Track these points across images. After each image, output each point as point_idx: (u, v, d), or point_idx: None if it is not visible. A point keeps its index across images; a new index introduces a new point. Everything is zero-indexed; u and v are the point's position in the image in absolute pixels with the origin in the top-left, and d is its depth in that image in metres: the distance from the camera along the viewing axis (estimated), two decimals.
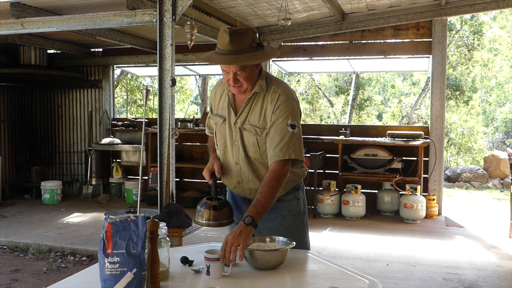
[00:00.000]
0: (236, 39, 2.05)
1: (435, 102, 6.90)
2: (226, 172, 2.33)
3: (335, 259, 4.48)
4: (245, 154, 2.24)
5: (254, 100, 2.20)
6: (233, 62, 2.06)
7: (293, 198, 2.34)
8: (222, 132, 2.30)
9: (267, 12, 6.49)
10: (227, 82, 2.17)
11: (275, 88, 2.19)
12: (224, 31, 2.07)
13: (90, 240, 5.48)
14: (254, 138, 2.20)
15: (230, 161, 2.29)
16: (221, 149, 2.32)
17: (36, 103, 8.96)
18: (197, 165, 7.79)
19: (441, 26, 6.84)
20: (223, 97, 2.31)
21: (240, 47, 2.05)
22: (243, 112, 2.22)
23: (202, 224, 2.17)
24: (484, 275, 4.39)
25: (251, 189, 2.26)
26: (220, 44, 2.09)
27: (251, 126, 2.20)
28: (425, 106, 14.45)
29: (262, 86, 2.19)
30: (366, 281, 1.79)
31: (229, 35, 2.04)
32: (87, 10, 5.48)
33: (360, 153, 6.72)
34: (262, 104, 2.19)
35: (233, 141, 2.26)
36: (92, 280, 1.71)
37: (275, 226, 2.28)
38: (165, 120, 4.77)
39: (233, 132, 2.25)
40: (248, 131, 2.21)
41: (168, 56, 4.70)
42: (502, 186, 10.22)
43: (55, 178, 8.67)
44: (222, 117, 2.29)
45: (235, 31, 2.07)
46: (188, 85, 18.00)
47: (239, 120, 2.23)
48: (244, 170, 2.26)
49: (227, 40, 2.05)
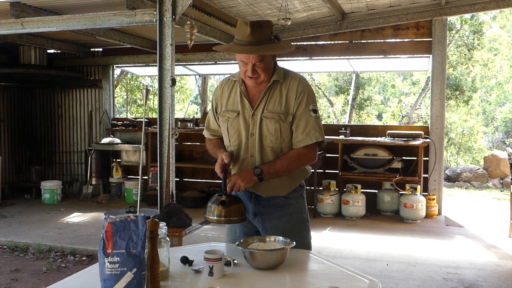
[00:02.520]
0: (257, 31, 2.13)
1: (435, 102, 6.90)
2: (238, 167, 2.33)
3: (335, 259, 4.48)
4: (261, 145, 2.26)
5: (272, 89, 2.26)
6: (255, 52, 2.14)
7: (299, 196, 2.37)
8: (235, 126, 2.30)
9: (267, 12, 6.49)
10: (243, 74, 2.22)
11: (294, 76, 2.29)
12: (245, 23, 2.14)
13: (90, 240, 5.48)
14: (277, 125, 2.23)
15: (245, 155, 2.30)
16: (235, 144, 2.32)
17: (36, 103, 8.96)
18: (197, 165, 7.79)
19: (441, 25, 6.84)
20: (233, 92, 2.33)
21: (260, 38, 2.14)
22: (261, 102, 2.26)
23: (212, 221, 2.18)
24: (484, 275, 4.39)
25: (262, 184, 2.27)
26: (240, 36, 2.16)
27: (272, 113, 2.24)
28: (425, 105, 14.46)
29: (280, 75, 2.27)
30: (366, 281, 1.79)
31: (250, 27, 2.12)
32: (87, 10, 5.47)
33: (360, 153, 6.72)
34: (280, 91, 2.25)
35: (249, 133, 2.27)
36: (92, 280, 1.71)
37: (282, 224, 2.29)
38: (165, 120, 4.77)
39: (249, 124, 2.27)
40: (270, 119, 2.24)
41: (168, 56, 4.70)
42: (502, 186, 10.22)
43: (55, 178, 8.67)
44: (235, 111, 2.30)
45: (255, 23, 2.15)
46: (188, 85, 18.01)
47: (258, 111, 2.26)
48: (258, 161, 2.27)
49: (248, 32, 2.12)
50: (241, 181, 2.13)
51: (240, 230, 2.37)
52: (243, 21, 2.16)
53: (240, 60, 2.20)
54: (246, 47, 2.13)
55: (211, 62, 8.18)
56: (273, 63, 2.27)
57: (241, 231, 2.37)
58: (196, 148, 8.14)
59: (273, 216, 2.19)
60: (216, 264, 1.82)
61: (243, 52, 2.15)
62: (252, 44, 2.13)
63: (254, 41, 2.13)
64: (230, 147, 2.34)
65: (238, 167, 2.32)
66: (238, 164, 2.32)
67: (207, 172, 7.91)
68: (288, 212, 2.31)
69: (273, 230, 2.24)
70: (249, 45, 2.13)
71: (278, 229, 2.24)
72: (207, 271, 1.82)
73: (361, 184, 6.79)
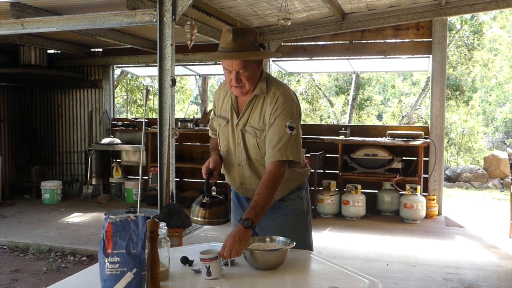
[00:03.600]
0: (239, 38, 2.10)
1: (435, 102, 6.90)
2: (229, 172, 2.35)
3: (335, 259, 4.48)
4: (247, 156, 2.25)
5: (255, 103, 2.22)
6: (236, 57, 2.10)
7: (296, 198, 2.35)
8: (225, 134, 2.32)
9: (267, 12, 6.49)
10: (229, 83, 2.19)
11: (275, 90, 2.20)
12: (227, 31, 2.12)
13: (90, 240, 5.48)
14: (254, 140, 2.22)
15: (233, 162, 2.31)
16: (224, 151, 2.34)
17: (36, 103, 8.96)
18: (197, 165, 7.78)
19: (441, 26, 6.84)
20: (226, 99, 2.33)
21: (244, 45, 2.10)
22: (244, 114, 2.24)
23: (194, 221, 2.19)
24: (484, 275, 4.39)
25: (253, 190, 2.25)
26: (223, 43, 2.13)
27: (251, 128, 2.22)
28: (425, 106, 14.45)
29: (263, 88, 2.20)
30: (366, 281, 1.79)
31: (232, 33, 2.09)
32: (87, 10, 5.48)
33: (360, 153, 6.72)
34: (262, 106, 2.21)
35: (235, 143, 2.28)
36: (92, 280, 1.71)
37: (278, 225, 2.29)
38: (165, 120, 4.77)
39: (235, 134, 2.27)
40: (249, 133, 2.23)
41: (168, 56, 4.70)
42: (502, 186, 10.22)
43: (55, 178, 8.67)
44: (225, 119, 2.31)
45: (238, 29, 2.12)
46: (188, 85, 18.00)
47: (241, 122, 2.25)
48: (246, 171, 2.27)
49: (230, 38, 2.09)
50: (238, 245, 1.90)
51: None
52: (227, 28, 2.14)
53: (224, 69, 2.17)
54: (227, 53, 2.10)
55: (211, 62, 8.19)
56: (259, 73, 2.21)
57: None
58: (196, 148, 8.14)
59: (268, 217, 2.18)
60: (213, 264, 1.80)
61: (224, 58, 2.12)
62: (234, 51, 2.09)
63: (237, 47, 2.09)
64: (222, 152, 2.36)
65: (229, 173, 2.35)
66: (229, 170, 2.35)
67: None
68: (283, 213, 2.30)
69: (270, 230, 2.23)
70: (231, 52, 2.10)
71: (274, 229, 2.25)
72: (205, 271, 1.81)
73: (361, 184, 6.79)
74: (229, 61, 2.12)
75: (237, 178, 2.32)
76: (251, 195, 2.28)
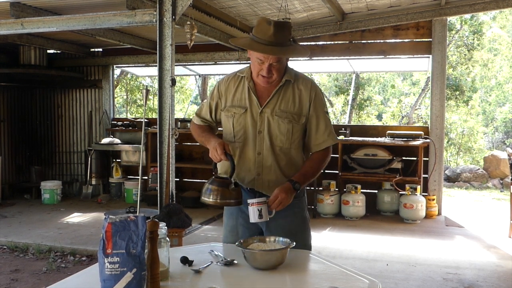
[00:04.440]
0: (280, 32, 2.12)
1: (435, 102, 6.90)
2: (243, 163, 2.29)
3: (335, 259, 4.48)
4: (271, 143, 2.25)
5: (283, 89, 2.26)
6: (278, 53, 2.14)
7: (302, 195, 2.37)
8: (241, 123, 2.28)
9: (267, 12, 6.48)
10: (256, 72, 2.20)
11: (305, 77, 2.33)
12: (267, 22, 2.12)
13: (90, 240, 5.48)
14: (290, 126, 2.24)
15: (250, 152, 2.27)
16: (241, 141, 2.29)
17: (36, 103, 8.96)
18: (197, 165, 7.79)
19: (441, 26, 6.84)
20: (239, 89, 2.31)
21: (282, 39, 2.13)
22: (271, 100, 2.25)
23: (208, 202, 2.15)
24: (484, 275, 4.39)
25: (270, 181, 2.26)
26: (261, 34, 2.13)
27: (285, 113, 2.24)
28: (425, 106, 14.45)
29: (292, 75, 2.28)
30: (366, 281, 1.79)
31: (273, 27, 2.10)
32: (87, 10, 5.47)
33: (360, 153, 6.72)
34: (293, 91, 2.26)
35: (256, 131, 2.26)
36: (92, 280, 1.71)
37: (287, 224, 2.28)
38: (165, 120, 4.77)
39: (257, 121, 2.26)
40: (283, 119, 2.24)
41: (168, 56, 4.70)
42: (502, 186, 10.22)
43: (55, 178, 8.66)
44: (243, 107, 2.28)
45: (278, 23, 2.13)
46: (188, 85, 18.00)
47: (267, 109, 2.25)
48: (267, 160, 2.26)
49: (271, 32, 2.10)
50: (286, 200, 2.13)
51: (243, 231, 2.32)
52: (266, 19, 2.14)
53: (257, 58, 2.17)
54: (268, 47, 2.11)
55: (211, 62, 8.18)
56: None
57: (244, 232, 2.32)
58: (196, 148, 8.14)
59: (278, 216, 2.17)
60: (264, 207, 1.98)
61: (266, 53, 2.12)
62: (274, 45, 2.11)
63: (276, 42, 2.11)
64: (235, 143, 2.30)
65: (244, 164, 2.28)
66: (244, 161, 2.28)
67: (207, 172, 7.91)
68: (292, 211, 2.29)
69: (277, 229, 2.22)
70: (271, 46, 2.11)
71: (281, 228, 2.24)
72: (256, 214, 1.99)
73: (361, 184, 6.79)
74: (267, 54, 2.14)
75: (254, 168, 2.27)
76: (266, 187, 2.26)
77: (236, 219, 2.36)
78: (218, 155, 2.16)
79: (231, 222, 2.39)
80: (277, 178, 2.24)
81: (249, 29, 7.21)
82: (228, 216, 2.42)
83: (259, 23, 2.16)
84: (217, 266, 1.93)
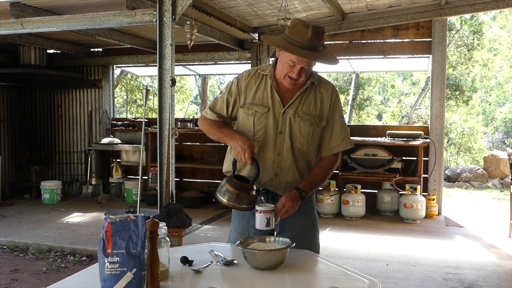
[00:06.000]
0: (317, 37, 2.12)
1: (435, 102, 6.90)
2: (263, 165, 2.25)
3: (335, 259, 4.47)
4: (291, 144, 2.25)
5: (307, 91, 2.27)
6: (314, 58, 2.14)
7: (312, 194, 2.38)
8: (263, 122, 2.27)
9: (266, 12, 6.48)
10: (284, 73, 2.19)
11: (326, 81, 2.35)
12: (304, 25, 2.11)
13: (90, 240, 5.48)
14: (311, 128, 2.25)
15: (270, 152, 2.26)
16: (261, 140, 2.27)
17: (36, 103, 8.96)
18: (197, 165, 7.79)
19: (441, 26, 6.84)
20: (262, 86, 2.29)
21: (318, 44, 2.14)
22: (294, 102, 2.25)
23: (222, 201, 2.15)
24: (484, 275, 4.39)
25: (287, 182, 2.27)
26: (298, 37, 2.11)
27: (307, 116, 2.24)
28: (425, 106, 14.46)
29: (316, 78, 2.29)
30: (366, 281, 1.79)
31: (312, 31, 2.10)
32: (87, 10, 5.47)
33: (360, 153, 6.71)
34: (315, 94, 2.28)
35: (277, 131, 2.25)
36: (92, 280, 1.71)
37: (299, 223, 2.30)
38: (165, 120, 4.77)
39: (279, 122, 2.25)
40: (304, 121, 2.24)
41: (168, 56, 4.70)
42: (502, 186, 10.22)
43: (55, 178, 8.67)
44: (265, 106, 2.26)
45: (316, 28, 2.12)
46: (188, 85, 18.00)
47: (290, 110, 2.25)
48: (286, 161, 2.26)
49: (308, 36, 2.10)
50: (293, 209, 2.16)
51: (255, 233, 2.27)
52: (302, 22, 2.12)
53: (289, 60, 2.15)
54: (304, 51, 2.10)
55: (211, 62, 8.19)
56: None
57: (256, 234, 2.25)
58: (196, 148, 8.14)
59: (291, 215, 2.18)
60: (272, 215, 2.01)
61: (303, 56, 2.11)
62: (310, 49, 2.11)
63: (313, 46, 2.11)
64: (254, 142, 2.27)
65: (262, 164, 2.24)
66: (262, 161, 2.25)
67: (207, 172, 7.92)
68: (304, 210, 2.31)
69: (288, 228, 2.27)
70: (307, 50, 2.10)
71: (293, 226, 2.28)
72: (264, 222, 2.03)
73: (361, 184, 6.79)
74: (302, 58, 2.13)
75: (272, 169, 2.27)
76: (282, 188, 2.27)
77: (248, 221, 2.33)
78: (244, 158, 2.14)
79: (242, 224, 2.37)
80: (294, 179, 2.26)
81: (249, 29, 7.22)
82: (239, 218, 2.38)
83: (295, 25, 2.14)
84: (217, 266, 1.93)
